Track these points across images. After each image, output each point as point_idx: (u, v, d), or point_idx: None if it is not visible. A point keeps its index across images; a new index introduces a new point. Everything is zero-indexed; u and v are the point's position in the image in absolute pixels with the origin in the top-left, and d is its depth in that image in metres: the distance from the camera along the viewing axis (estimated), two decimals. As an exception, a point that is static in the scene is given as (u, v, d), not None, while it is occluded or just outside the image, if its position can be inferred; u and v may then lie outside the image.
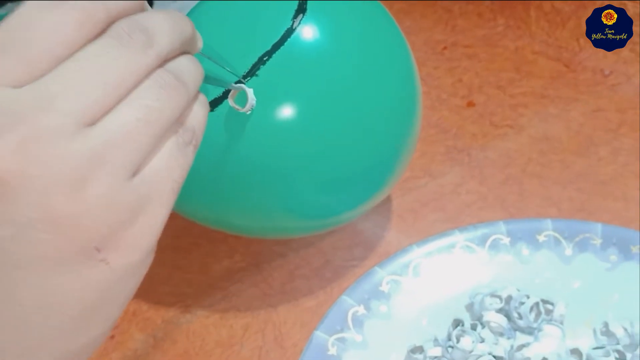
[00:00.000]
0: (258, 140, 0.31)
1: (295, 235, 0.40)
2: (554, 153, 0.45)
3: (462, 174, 0.45)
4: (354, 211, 0.36)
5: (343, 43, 0.32)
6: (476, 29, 0.61)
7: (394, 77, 0.34)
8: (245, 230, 0.37)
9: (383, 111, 0.33)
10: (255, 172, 0.32)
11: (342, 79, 0.32)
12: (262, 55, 0.30)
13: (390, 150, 0.35)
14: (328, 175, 0.33)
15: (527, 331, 0.33)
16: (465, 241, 0.38)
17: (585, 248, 0.36)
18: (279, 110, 0.31)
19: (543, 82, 0.52)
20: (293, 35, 0.31)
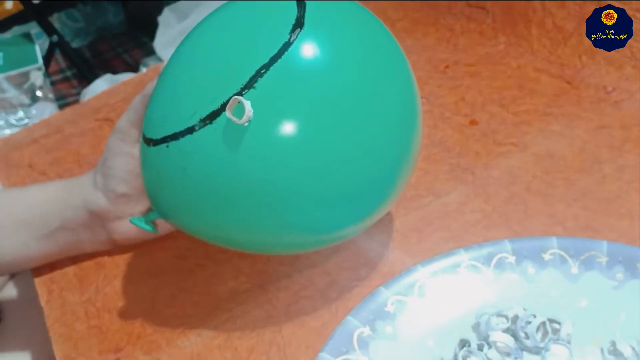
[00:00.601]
0: (256, 153, 0.31)
1: (296, 251, 0.40)
2: (558, 171, 0.45)
3: (466, 192, 0.45)
4: (355, 227, 0.36)
5: (342, 58, 0.32)
6: (478, 47, 0.61)
7: (393, 92, 0.34)
8: (245, 245, 0.37)
9: (382, 125, 0.33)
10: (253, 186, 0.32)
11: (341, 93, 0.32)
12: (259, 68, 0.31)
13: (390, 164, 0.35)
14: (328, 190, 0.33)
15: (534, 351, 0.33)
16: (470, 260, 0.38)
17: (591, 266, 0.36)
18: (277, 124, 0.31)
19: (546, 99, 0.52)
20: (293, 49, 0.31)
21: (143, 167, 0.36)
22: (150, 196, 0.36)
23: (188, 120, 0.32)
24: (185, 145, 0.32)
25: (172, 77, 0.35)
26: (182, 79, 0.34)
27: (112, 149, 0.42)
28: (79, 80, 1.35)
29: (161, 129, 0.33)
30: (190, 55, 0.35)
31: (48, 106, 1.00)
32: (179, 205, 0.35)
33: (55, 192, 0.45)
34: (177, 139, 0.32)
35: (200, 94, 0.32)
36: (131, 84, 0.68)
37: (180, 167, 0.33)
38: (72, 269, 0.46)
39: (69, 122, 0.62)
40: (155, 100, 0.36)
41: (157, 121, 0.34)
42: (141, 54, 1.42)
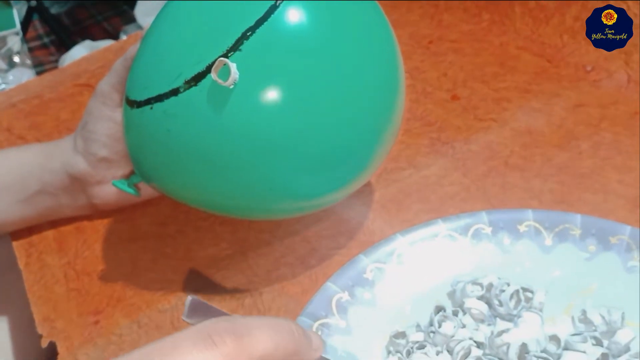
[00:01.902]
0: (241, 116, 0.31)
1: (277, 216, 0.40)
2: (536, 146, 0.46)
3: (445, 166, 0.46)
4: (335, 194, 0.36)
5: (328, 24, 0.33)
6: (462, 24, 0.61)
7: (377, 61, 0.34)
8: (226, 209, 0.37)
9: (365, 94, 0.34)
10: (237, 149, 0.32)
11: (326, 59, 0.32)
12: (245, 31, 0.31)
13: (371, 133, 0.35)
14: (309, 155, 0.33)
15: (507, 318, 0.34)
16: (448, 230, 0.38)
17: (564, 238, 0.37)
18: (262, 87, 0.31)
19: (527, 77, 0.53)
20: (279, 13, 0.31)
21: (126, 130, 0.36)
22: (133, 159, 0.36)
23: (173, 82, 0.32)
24: (170, 107, 0.32)
25: (156, 39, 0.35)
26: (166, 41, 0.34)
27: (93, 113, 0.42)
28: (56, 47, 1.32)
29: (145, 91, 0.33)
30: (175, 18, 0.34)
31: (25, 72, 0.98)
32: (162, 168, 0.35)
33: (35, 155, 0.44)
34: (162, 101, 0.32)
35: (185, 55, 0.32)
36: (111, 50, 0.67)
37: (164, 129, 0.33)
38: (52, 233, 0.46)
39: (48, 87, 0.61)
40: (138, 62, 0.35)
41: (140, 83, 0.34)
42: (120, 22, 1.39)
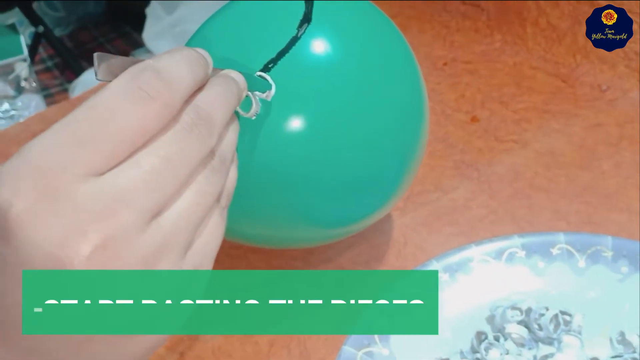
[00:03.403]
0: (264, 147, 0.32)
1: (305, 244, 0.41)
2: (558, 167, 0.47)
3: (471, 188, 0.47)
4: (364, 221, 0.37)
5: (349, 53, 0.33)
6: (474, 45, 0.62)
7: (400, 84, 0.35)
8: (252, 238, 0.37)
9: (390, 119, 0.34)
10: (260, 180, 0.33)
11: (348, 87, 0.33)
12: (267, 62, 0.32)
13: (399, 156, 0.35)
14: (335, 183, 0.33)
15: (547, 341, 0.35)
16: (481, 255, 0.39)
17: (597, 260, 0.38)
18: (285, 118, 0.32)
19: (543, 97, 0.54)
20: (301, 44, 0.32)
21: None
22: None
23: None
24: None
25: None
26: None
27: None
28: (60, 70, 1.33)
29: None
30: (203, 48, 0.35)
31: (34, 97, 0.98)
32: None
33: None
34: None
35: None
36: (127, 77, 0.68)
37: None
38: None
39: (68, 116, 0.62)
40: None
41: None
42: (124, 44, 1.40)
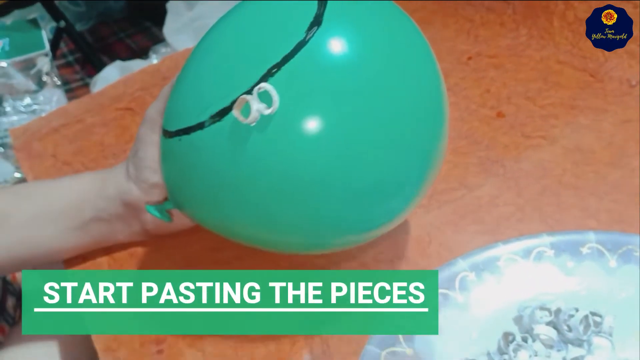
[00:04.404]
0: (263, 154, 0.31)
1: (323, 250, 0.40)
2: (587, 164, 0.46)
3: (497, 185, 0.46)
4: (385, 225, 0.36)
5: (361, 56, 0.32)
6: (499, 39, 0.61)
7: (417, 82, 0.34)
8: (255, 242, 0.37)
9: (408, 117, 0.33)
10: (260, 186, 0.32)
11: (359, 92, 0.31)
12: (271, 67, 0.30)
13: (419, 157, 0.35)
14: (356, 187, 0.32)
15: (577, 343, 0.34)
16: (509, 254, 0.38)
17: (628, 260, 0.37)
18: (287, 125, 0.30)
19: (571, 92, 0.53)
20: (308, 48, 0.31)
21: (161, 157, 0.37)
22: (167, 186, 0.37)
23: (200, 115, 0.32)
24: (196, 141, 0.32)
25: (189, 72, 0.35)
26: (198, 74, 0.34)
27: (143, 139, 0.42)
28: (81, 65, 1.34)
29: (176, 122, 0.34)
30: (208, 51, 0.35)
31: (55, 92, 0.99)
32: (190, 198, 0.35)
33: (89, 183, 0.44)
34: (189, 134, 0.33)
35: (214, 90, 0.32)
36: (147, 72, 0.67)
37: (190, 161, 0.33)
38: (106, 260, 0.46)
39: (89, 111, 0.62)
40: (174, 93, 0.36)
41: (173, 114, 0.35)
42: (144, 39, 1.40)
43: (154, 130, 0.42)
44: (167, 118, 0.36)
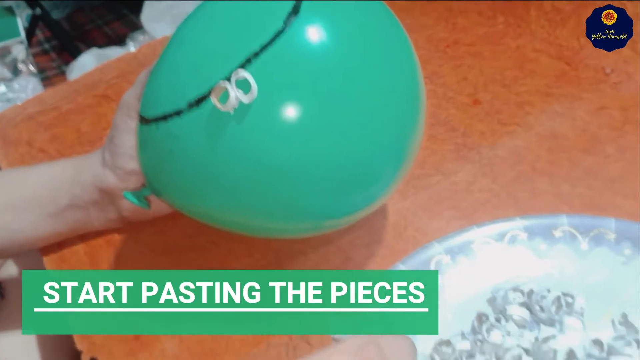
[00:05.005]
0: (241, 142, 0.31)
1: (305, 235, 0.40)
2: (562, 151, 0.47)
3: (473, 172, 0.46)
4: (362, 210, 0.37)
5: (339, 46, 0.32)
6: (477, 27, 0.62)
7: (395, 70, 0.34)
8: (234, 228, 0.37)
9: (385, 105, 0.33)
10: (237, 174, 0.32)
11: (336, 82, 0.31)
12: (249, 55, 0.30)
13: (396, 146, 0.35)
14: (331, 174, 0.33)
15: (549, 323, 0.35)
16: (483, 237, 0.39)
17: (600, 242, 0.38)
18: (265, 112, 0.30)
19: (547, 80, 0.53)
20: (286, 37, 0.31)
21: (138, 144, 0.36)
22: (144, 172, 0.37)
23: (177, 102, 0.32)
24: (173, 128, 0.32)
25: (169, 57, 0.35)
26: (176, 61, 0.34)
27: (119, 126, 0.42)
28: (57, 52, 1.32)
29: (153, 109, 0.33)
30: (187, 39, 0.34)
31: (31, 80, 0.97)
32: (168, 184, 0.35)
33: (65, 170, 0.44)
34: (166, 121, 0.32)
35: (192, 77, 0.32)
36: (124, 59, 0.67)
37: (167, 148, 0.33)
38: (82, 247, 0.46)
39: (65, 98, 0.61)
40: (151, 80, 0.36)
41: (150, 101, 0.34)
42: (121, 27, 1.39)
43: (130, 116, 0.41)
44: (144, 105, 0.35)
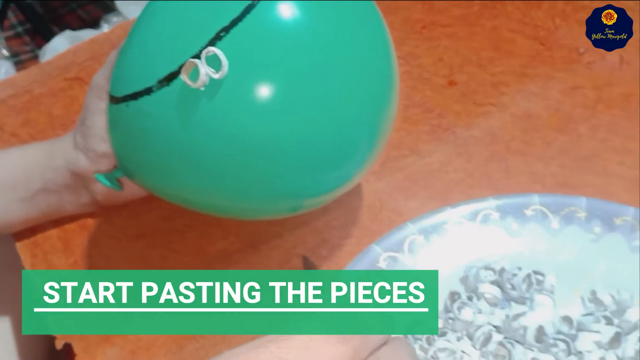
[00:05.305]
0: (212, 118, 0.30)
1: (280, 215, 0.40)
2: (535, 130, 0.47)
3: (448, 152, 0.46)
4: (335, 190, 0.36)
5: (309, 20, 0.32)
6: (453, 8, 0.61)
7: (365, 49, 0.34)
8: (207, 209, 0.36)
9: (359, 84, 0.33)
10: (208, 151, 0.31)
11: (307, 56, 0.31)
12: (219, 31, 0.30)
13: (369, 123, 0.34)
14: (304, 152, 0.32)
15: (520, 301, 0.35)
16: (457, 217, 0.39)
17: (571, 221, 0.38)
18: (236, 88, 0.30)
19: (522, 60, 0.54)
20: (256, 12, 0.30)
21: (109, 124, 0.36)
22: (116, 153, 0.36)
23: (147, 80, 0.31)
24: (144, 106, 0.32)
25: (138, 35, 0.34)
26: (146, 37, 0.33)
27: (90, 107, 0.41)
28: (31, 36, 1.29)
29: (123, 88, 0.33)
30: (156, 16, 0.34)
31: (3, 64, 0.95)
32: (140, 165, 0.34)
33: (36, 153, 0.43)
34: (136, 99, 0.32)
35: (161, 54, 0.31)
36: (97, 41, 0.66)
37: (139, 127, 0.32)
38: (56, 232, 0.45)
39: (37, 82, 0.60)
40: (120, 58, 0.35)
41: (120, 80, 0.34)
42: (96, 9, 1.36)
43: (101, 97, 0.41)
44: (114, 84, 0.35)
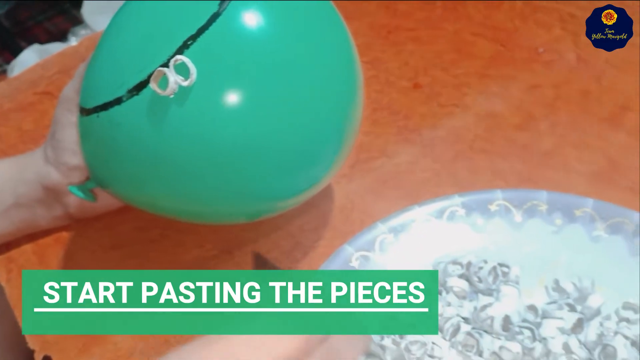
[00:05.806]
0: (182, 126, 0.31)
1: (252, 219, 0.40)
2: (498, 129, 0.49)
3: (415, 153, 0.48)
4: (304, 193, 0.37)
5: (273, 28, 0.33)
6: (417, 12, 0.63)
7: (331, 57, 0.35)
8: (180, 216, 0.37)
9: (324, 88, 0.34)
10: (178, 159, 0.32)
11: (273, 63, 0.32)
12: (186, 39, 0.31)
13: (335, 126, 0.35)
14: (276, 156, 0.33)
15: (487, 293, 0.36)
16: (424, 215, 0.40)
17: (533, 214, 0.40)
18: (204, 96, 0.31)
19: (483, 62, 0.55)
20: (222, 20, 0.31)
21: (80, 136, 0.36)
22: (88, 164, 0.37)
23: (117, 90, 0.32)
24: (114, 116, 0.32)
25: (106, 46, 0.35)
26: (114, 48, 0.34)
27: (60, 121, 0.41)
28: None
29: (93, 99, 0.34)
30: (123, 26, 0.35)
31: (-30, 80, 0.94)
32: (112, 174, 0.35)
33: (8, 168, 0.43)
34: (107, 109, 0.32)
35: (130, 64, 0.32)
36: (66, 54, 0.66)
37: (110, 137, 0.33)
38: (30, 247, 0.45)
39: (5, 97, 0.60)
40: (89, 70, 0.36)
41: (89, 91, 0.35)
42: (63, 22, 1.35)
43: (70, 110, 0.41)
44: (84, 95, 0.35)
